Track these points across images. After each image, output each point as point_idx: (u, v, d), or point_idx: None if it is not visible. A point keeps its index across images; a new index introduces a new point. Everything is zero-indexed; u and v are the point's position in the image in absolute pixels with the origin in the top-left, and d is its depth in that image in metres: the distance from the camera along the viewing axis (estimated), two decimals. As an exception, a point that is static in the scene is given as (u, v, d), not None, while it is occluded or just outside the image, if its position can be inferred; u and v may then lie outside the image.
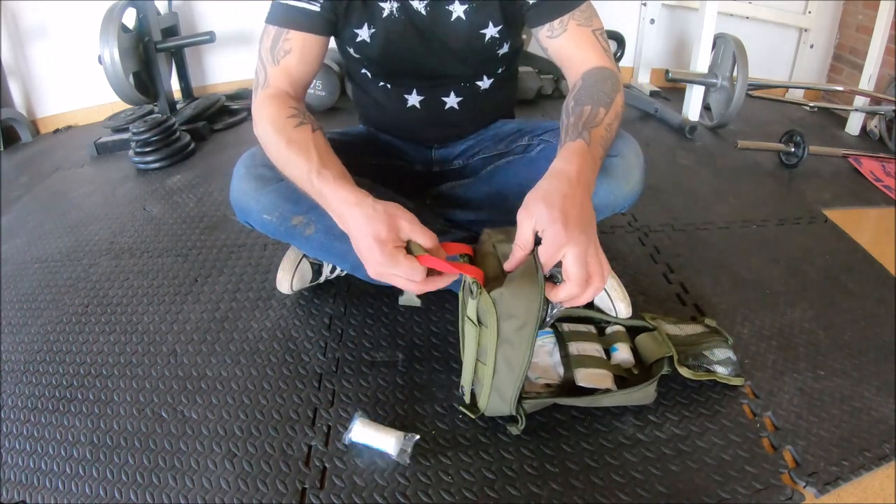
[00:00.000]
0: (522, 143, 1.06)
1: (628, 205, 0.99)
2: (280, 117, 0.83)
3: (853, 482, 0.76)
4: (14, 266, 1.40)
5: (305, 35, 0.88)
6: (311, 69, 0.91)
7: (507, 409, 0.82)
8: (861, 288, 1.15)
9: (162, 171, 1.88)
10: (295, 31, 0.87)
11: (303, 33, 0.88)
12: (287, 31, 0.87)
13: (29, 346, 1.10)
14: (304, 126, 0.82)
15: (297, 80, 0.89)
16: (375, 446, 0.81)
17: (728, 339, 0.96)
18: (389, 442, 0.80)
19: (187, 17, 2.41)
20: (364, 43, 0.94)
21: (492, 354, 0.74)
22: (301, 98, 0.91)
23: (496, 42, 0.95)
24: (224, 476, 0.80)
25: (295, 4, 0.87)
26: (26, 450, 0.88)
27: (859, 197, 1.60)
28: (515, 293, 0.68)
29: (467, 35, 0.93)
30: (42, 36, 2.37)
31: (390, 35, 0.93)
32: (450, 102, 1.04)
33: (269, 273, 1.23)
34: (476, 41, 0.94)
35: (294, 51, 0.88)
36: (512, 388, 0.78)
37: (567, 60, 0.89)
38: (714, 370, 0.90)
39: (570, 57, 0.88)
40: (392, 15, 0.91)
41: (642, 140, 0.97)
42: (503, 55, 0.99)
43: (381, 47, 0.94)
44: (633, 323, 0.99)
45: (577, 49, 0.87)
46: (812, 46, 2.47)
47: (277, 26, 0.88)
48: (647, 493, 0.75)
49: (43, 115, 2.54)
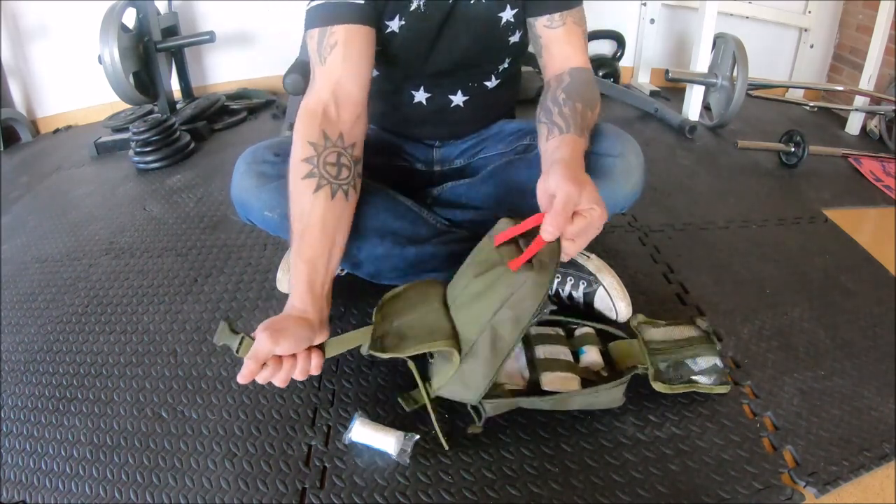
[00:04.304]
0: (523, 144, 1.06)
1: (628, 205, 0.99)
2: (297, 153, 0.80)
3: (853, 482, 0.76)
4: (14, 266, 1.40)
5: (352, 27, 0.83)
6: (361, 64, 0.85)
7: (470, 398, 0.78)
8: (861, 288, 1.15)
9: (162, 170, 1.88)
10: (339, 25, 0.83)
11: (349, 25, 0.83)
12: (332, 26, 0.83)
13: (29, 346, 1.10)
14: (308, 181, 0.79)
15: (343, 80, 0.84)
16: (375, 446, 0.81)
17: (717, 344, 0.93)
18: (389, 442, 0.80)
19: (187, 17, 2.41)
20: (392, 34, 0.93)
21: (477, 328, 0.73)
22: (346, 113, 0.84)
23: (510, 28, 0.96)
24: (224, 476, 0.80)
25: (335, 1, 0.83)
26: (26, 450, 0.88)
27: (859, 197, 1.60)
28: (537, 282, 0.69)
29: (486, 19, 0.94)
30: (42, 36, 2.37)
31: (414, 29, 0.93)
32: (456, 101, 1.05)
33: (269, 273, 1.23)
34: (493, 26, 0.95)
35: (340, 44, 0.83)
36: (483, 376, 0.75)
37: (555, 52, 0.94)
38: (696, 380, 0.87)
39: (560, 50, 0.94)
40: (419, 9, 0.91)
41: (642, 140, 0.97)
42: (513, 44, 0.99)
43: (404, 39, 0.94)
44: (605, 328, 0.96)
45: (567, 45, 0.93)
46: (812, 46, 2.47)
47: (321, 26, 0.84)
48: (647, 493, 0.75)
49: (43, 115, 2.54)
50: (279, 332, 0.71)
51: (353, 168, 0.84)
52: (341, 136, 0.83)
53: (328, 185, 0.80)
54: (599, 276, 1.00)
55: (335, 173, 0.81)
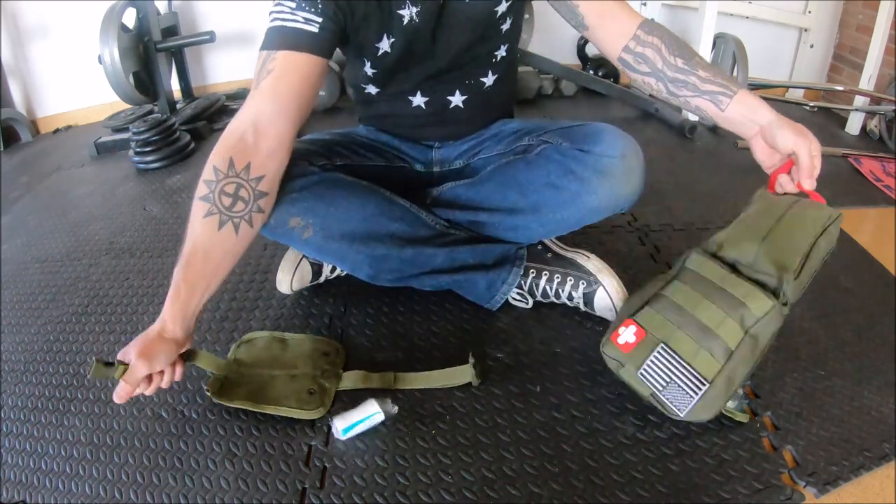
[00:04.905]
0: (523, 144, 1.06)
1: (629, 205, 0.99)
2: (204, 172, 0.81)
3: (853, 482, 0.76)
4: (14, 266, 1.41)
5: (293, 55, 0.80)
6: (290, 97, 0.81)
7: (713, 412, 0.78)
8: (861, 288, 1.15)
9: (162, 170, 1.88)
10: (281, 52, 0.80)
11: (290, 53, 0.80)
12: (275, 51, 0.81)
13: (29, 346, 1.10)
14: (202, 204, 0.80)
15: (267, 110, 0.80)
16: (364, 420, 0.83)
17: None
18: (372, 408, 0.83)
19: (187, 17, 2.41)
20: (385, 55, 0.93)
21: (800, 254, 0.78)
22: (262, 143, 0.80)
23: (504, 17, 0.96)
24: (224, 476, 0.80)
25: (290, 26, 0.80)
26: (26, 450, 0.88)
27: (859, 197, 1.60)
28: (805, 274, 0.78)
29: (482, 16, 0.93)
30: (42, 36, 2.37)
31: (409, 41, 0.91)
32: (455, 101, 1.04)
33: (269, 273, 1.23)
34: (489, 20, 0.94)
35: (275, 70, 0.80)
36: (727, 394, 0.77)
37: (606, 16, 0.92)
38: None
39: (610, 11, 0.92)
40: (413, 21, 0.89)
41: (642, 140, 0.97)
42: (505, 31, 0.98)
43: (399, 55, 0.93)
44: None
45: (616, 6, 0.92)
46: (812, 46, 2.47)
47: (268, 49, 0.82)
48: (647, 493, 0.75)
49: (43, 115, 2.54)
50: (152, 356, 0.79)
51: (252, 202, 0.82)
52: (248, 167, 0.80)
53: (218, 214, 0.80)
54: (599, 277, 1.00)
55: (228, 204, 0.80)
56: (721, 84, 0.88)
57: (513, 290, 1.05)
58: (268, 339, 1.01)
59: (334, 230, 0.94)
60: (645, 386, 0.79)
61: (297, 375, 0.92)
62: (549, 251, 1.06)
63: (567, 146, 0.97)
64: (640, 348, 0.79)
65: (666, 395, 0.77)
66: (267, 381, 0.91)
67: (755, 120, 0.87)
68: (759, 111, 0.87)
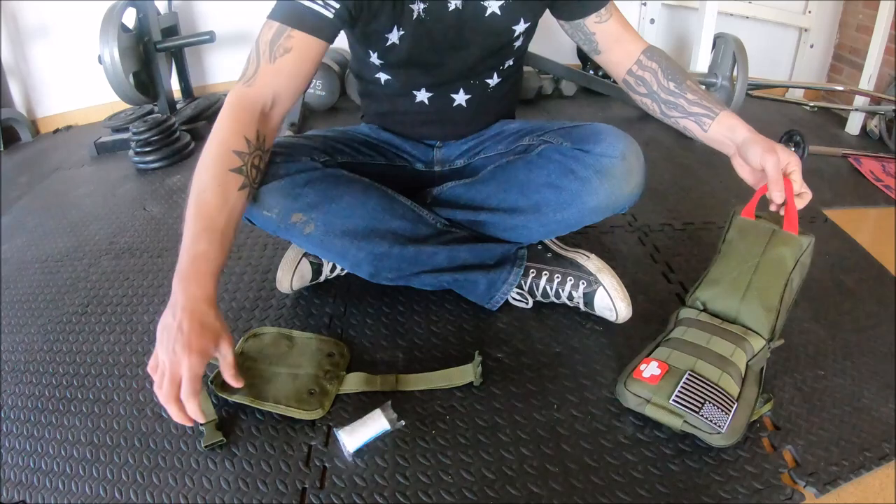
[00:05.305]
0: (524, 144, 1.06)
1: (629, 205, 0.99)
2: (229, 141, 0.81)
3: (853, 482, 0.76)
4: (14, 266, 1.40)
5: (310, 38, 0.83)
6: (304, 78, 0.87)
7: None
8: (861, 288, 1.15)
9: (162, 170, 1.88)
10: (299, 32, 0.82)
11: (308, 36, 0.83)
12: (292, 29, 0.83)
13: (29, 346, 1.10)
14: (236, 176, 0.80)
15: (284, 88, 0.85)
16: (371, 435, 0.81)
17: None
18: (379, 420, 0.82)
19: (187, 17, 2.41)
20: (393, 46, 0.93)
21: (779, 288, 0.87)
22: (274, 119, 0.87)
23: (520, 36, 0.98)
24: (224, 476, 0.80)
25: (307, 4, 0.82)
26: (26, 450, 0.88)
27: (859, 197, 1.60)
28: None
29: (499, 33, 0.95)
30: (42, 36, 2.37)
31: (417, 36, 0.92)
32: (458, 99, 1.05)
33: (269, 273, 1.23)
34: (506, 38, 0.96)
35: (294, 51, 0.83)
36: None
37: (617, 41, 0.99)
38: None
39: (620, 37, 0.99)
40: (420, 16, 0.90)
41: (642, 140, 0.98)
42: (517, 48, 1.00)
43: (408, 49, 0.93)
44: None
45: (625, 31, 0.99)
46: (812, 46, 2.47)
47: (281, 23, 0.83)
48: (647, 493, 0.75)
49: (43, 115, 2.54)
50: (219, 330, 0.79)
51: (260, 175, 0.88)
52: (265, 139, 0.86)
53: (249, 187, 0.83)
54: (599, 277, 1.00)
55: (254, 176, 0.85)
56: (705, 107, 0.94)
57: (513, 290, 1.05)
58: (275, 335, 1.01)
59: (336, 226, 0.94)
60: (677, 414, 0.78)
61: (299, 374, 0.92)
62: (549, 251, 1.06)
63: (567, 146, 0.97)
64: (667, 379, 0.81)
65: (704, 414, 0.77)
66: (269, 378, 0.91)
67: (733, 139, 0.92)
68: (737, 130, 0.91)
